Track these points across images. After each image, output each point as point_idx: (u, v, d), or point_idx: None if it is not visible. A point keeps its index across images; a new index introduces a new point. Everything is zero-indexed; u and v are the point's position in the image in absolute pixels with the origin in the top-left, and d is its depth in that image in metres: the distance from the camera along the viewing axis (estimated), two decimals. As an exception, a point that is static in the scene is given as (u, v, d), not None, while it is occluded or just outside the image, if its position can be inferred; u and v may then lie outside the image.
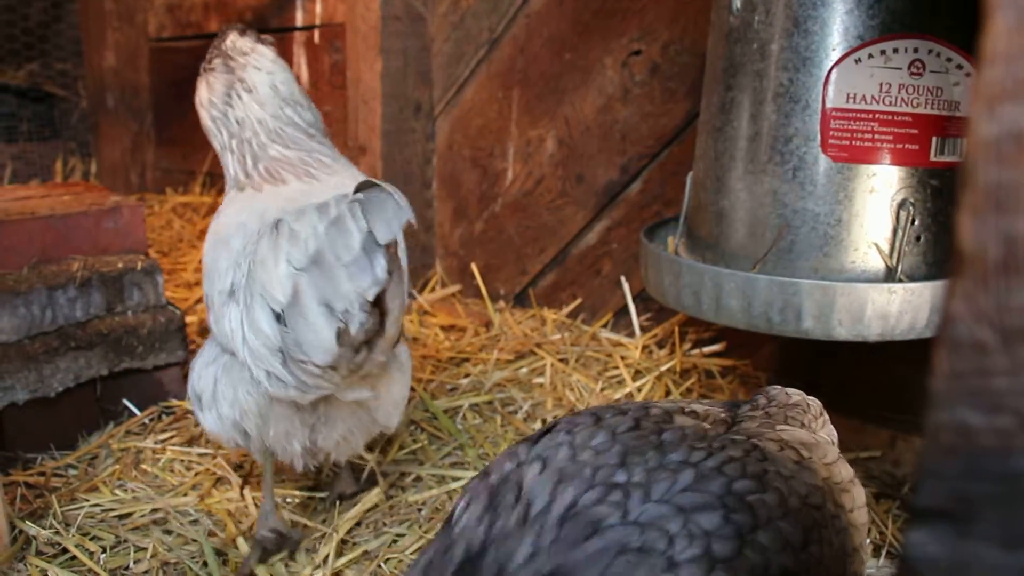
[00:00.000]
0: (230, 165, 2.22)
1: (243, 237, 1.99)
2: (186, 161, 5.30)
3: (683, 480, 1.11)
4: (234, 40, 2.26)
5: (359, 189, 1.67)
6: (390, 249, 1.66)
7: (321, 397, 1.92)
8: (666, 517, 1.06)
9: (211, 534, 2.17)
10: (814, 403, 1.61)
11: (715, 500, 1.09)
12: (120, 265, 2.68)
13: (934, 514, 0.53)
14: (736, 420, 1.39)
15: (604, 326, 3.25)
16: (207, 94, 2.25)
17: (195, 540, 2.13)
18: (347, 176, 2.20)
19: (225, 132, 2.22)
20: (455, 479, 2.38)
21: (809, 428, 1.49)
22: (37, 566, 2.01)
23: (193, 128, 5.27)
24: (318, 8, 4.02)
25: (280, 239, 1.72)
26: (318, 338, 1.70)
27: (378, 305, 1.72)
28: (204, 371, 2.05)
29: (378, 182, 1.67)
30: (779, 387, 1.61)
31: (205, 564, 2.03)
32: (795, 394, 1.59)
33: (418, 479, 2.41)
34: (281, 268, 1.71)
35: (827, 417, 1.66)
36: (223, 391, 2.01)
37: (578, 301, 3.37)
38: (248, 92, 2.21)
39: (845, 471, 1.38)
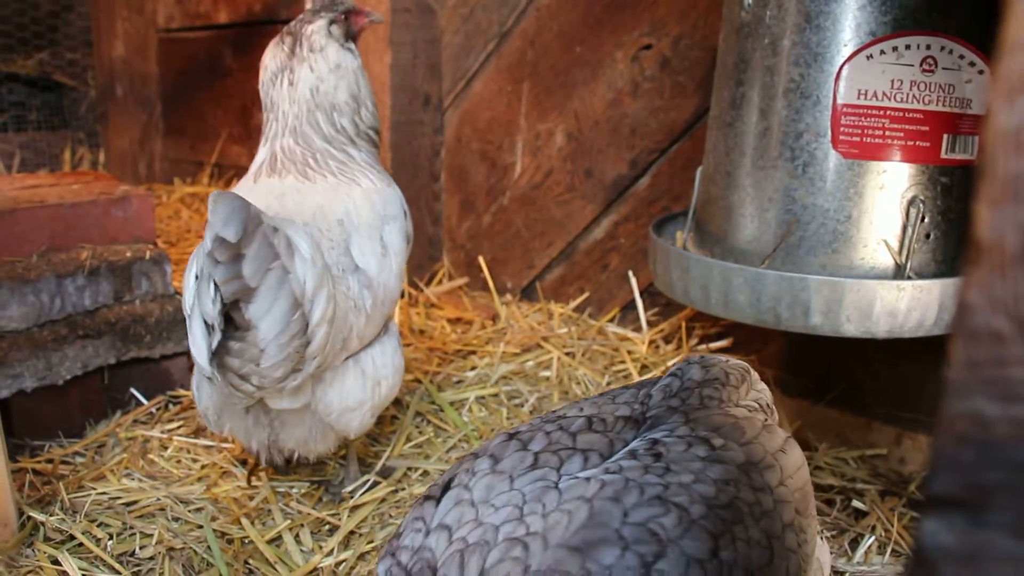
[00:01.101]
0: (263, 132, 2.31)
1: None
2: (194, 151, 5.30)
3: (578, 519, 1.12)
4: (314, 30, 2.28)
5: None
6: (238, 255, 1.65)
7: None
8: (562, 561, 1.07)
9: (214, 518, 2.18)
10: (735, 370, 1.57)
11: (612, 534, 1.10)
12: (128, 254, 2.69)
13: (947, 503, 0.53)
14: (646, 416, 1.39)
15: (611, 320, 3.25)
16: (268, 60, 2.32)
17: (200, 526, 2.13)
18: (345, 182, 2.21)
19: (265, 100, 2.31)
20: (461, 471, 2.38)
21: (729, 402, 1.47)
22: (45, 552, 2.01)
23: (201, 119, 5.29)
24: None
25: (198, 248, 1.79)
26: (196, 350, 1.79)
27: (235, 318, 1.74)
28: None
29: (224, 193, 1.67)
30: (698, 359, 1.58)
31: (210, 548, 2.04)
32: (714, 365, 1.56)
33: (425, 473, 2.41)
34: (189, 277, 1.80)
35: (755, 377, 1.63)
36: (198, 384, 2.13)
37: (585, 295, 3.37)
38: (290, 84, 2.25)
39: (773, 441, 1.37)
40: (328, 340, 1.88)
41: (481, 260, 3.64)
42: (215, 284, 1.67)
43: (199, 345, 1.76)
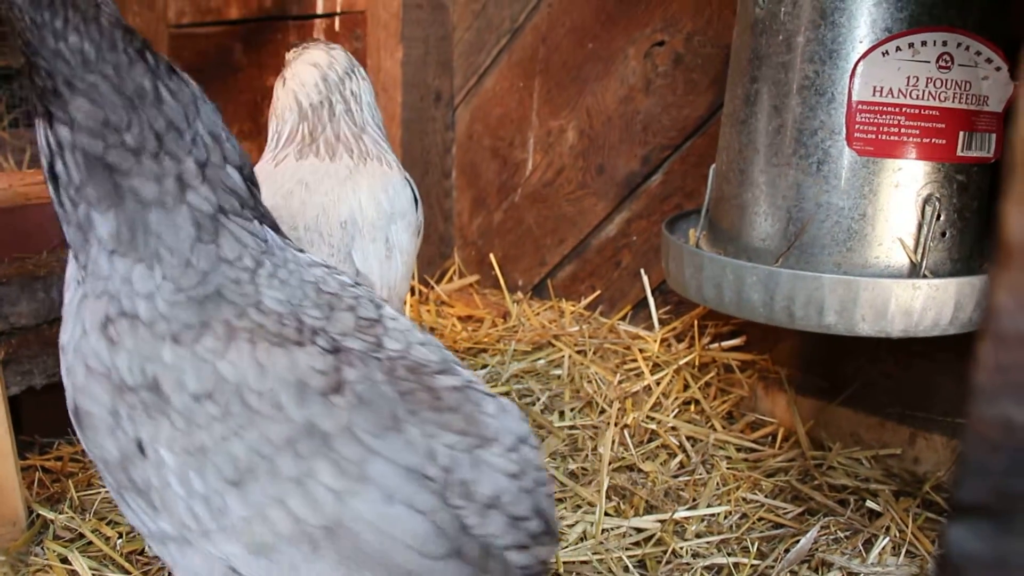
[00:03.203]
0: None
1: None
2: (205, 148, 5.29)
3: None
4: (291, 57, 2.40)
5: None
6: None
7: None
8: None
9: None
10: None
11: None
12: (139, 250, 2.68)
13: (976, 510, 0.52)
14: None
15: (623, 318, 3.24)
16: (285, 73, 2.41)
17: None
18: (363, 163, 2.24)
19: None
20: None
21: None
22: (54, 550, 2.01)
23: (213, 115, 5.27)
24: (339, -4, 4.01)
25: None
26: None
27: None
28: None
29: None
30: None
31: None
32: None
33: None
34: None
35: None
36: None
37: (597, 293, 3.35)
38: (274, 102, 2.39)
39: None
40: None
41: (492, 257, 3.63)
42: None
43: None
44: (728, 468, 2.42)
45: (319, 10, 4.11)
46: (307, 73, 2.32)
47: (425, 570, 1.17)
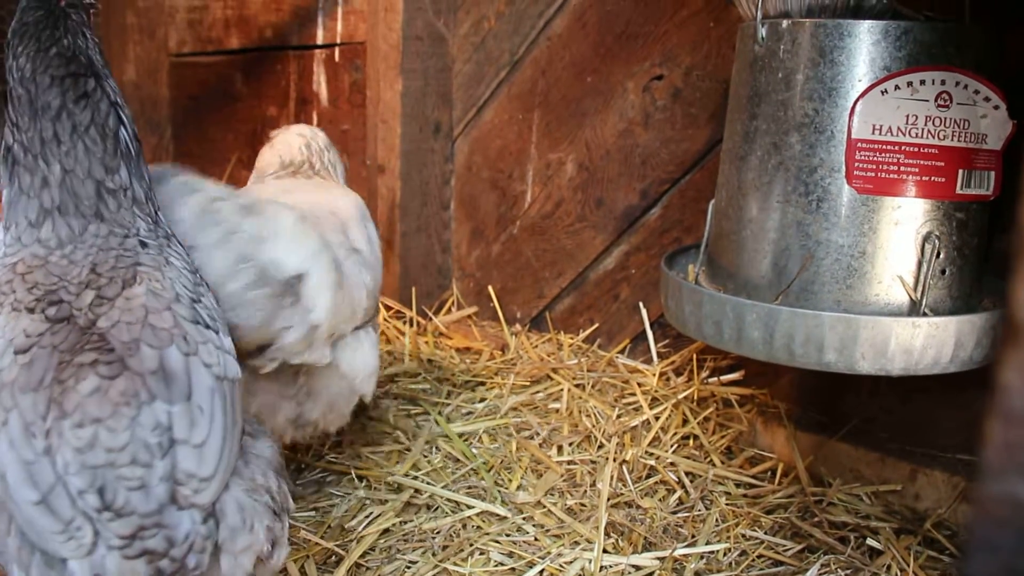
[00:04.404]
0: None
1: None
2: (204, 175, 5.30)
3: None
4: (277, 133, 2.77)
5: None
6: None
7: (302, 371, 2.17)
8: None
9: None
10: None
11: None
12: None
13: (984, 588, 0.51)
14: None
15: (621, 352, 3.23)
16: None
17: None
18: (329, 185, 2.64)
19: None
20: (469, 507, 2.36)
21: None
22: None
23: (211, 143, 5.29)
24: (339, 27, 4.02)
25: None
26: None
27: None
28: None
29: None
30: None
31: None
32: None
33: (432, 499, 2.39)
34: None
35: None
36: None
37: (595, 326, 3.35)
38: (258, 161, 2.70)
39: None
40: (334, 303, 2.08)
41: (491, 289, 3.62)
42: None
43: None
44: (727, 504, 2.40)
45: (319, 41, 4.13)
46: (293, 139, 2.67)
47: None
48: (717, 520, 2.33)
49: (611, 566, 2.14)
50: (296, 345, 2.02)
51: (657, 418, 2.76)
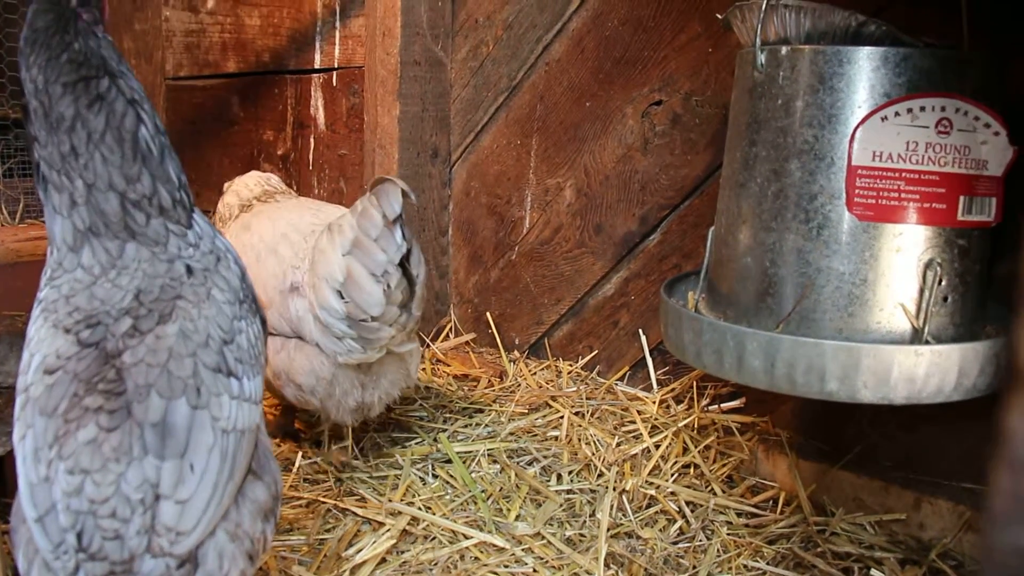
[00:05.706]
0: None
1: (290, 245, 2.63)
2: (199, 198, 5.28)
3: None
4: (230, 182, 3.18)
5: (373, 185, 2.39)
6: (402, 223, 2.37)
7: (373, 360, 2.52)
8: None
9: None
10: None
11: None
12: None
13: (994, 643, 0.48)
14: None
15: (620, 379, 3.20)
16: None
17: None
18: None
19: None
20: (467, 536, 2.33)
21: None
22: (37, 621, 1.96)
23: (208, 167, 5.28)
24: (337, 51, 4.02)
25: (333, 235, 2.42)
26: (371, 297, 2.36)
27: (405, 269, 2.40)
28: (275, 357, 2.57)
29: (387, 177, 2.38)
30: None
31: None
32: None
33: (429, 529, 2.36)
34: (336, 256, 2.38)
35: None
36: (300, 366, 2.54)
37: (594, 353, 3.32)
38: (219, 207, 3.16)
39: None
40: (424, 284, 2.53)
41: (489, 316, 3.60)
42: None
43: (372, 291, 2.36)
44: (729, 534, 2.37)
45: (317, 65, 4.13)
46: (249, 177, 3.05)
47: None
48: (718, 551, 2.30)
49: (610, 598, 2.11)
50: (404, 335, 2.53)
51: (657, 446, 2.73)
